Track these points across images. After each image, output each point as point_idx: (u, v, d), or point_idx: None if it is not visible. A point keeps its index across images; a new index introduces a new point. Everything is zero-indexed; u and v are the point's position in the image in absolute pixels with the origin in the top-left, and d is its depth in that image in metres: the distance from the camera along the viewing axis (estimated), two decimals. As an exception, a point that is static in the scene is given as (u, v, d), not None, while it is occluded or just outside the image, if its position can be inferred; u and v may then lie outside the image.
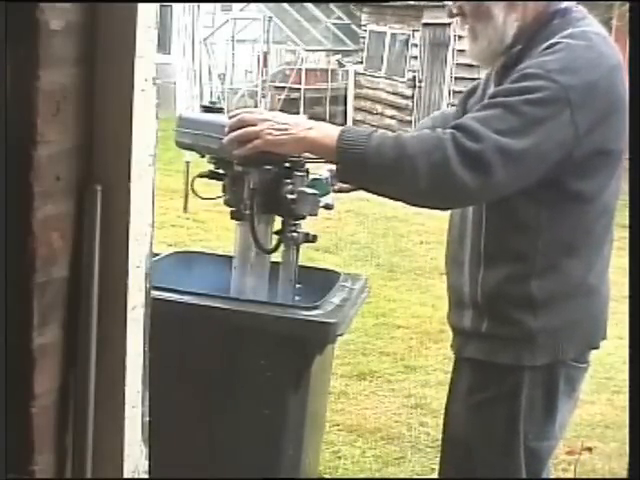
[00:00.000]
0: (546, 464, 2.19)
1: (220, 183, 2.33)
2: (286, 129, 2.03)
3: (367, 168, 1.96)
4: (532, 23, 2.05)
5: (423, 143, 1.94)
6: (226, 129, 2.11)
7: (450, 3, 2.12)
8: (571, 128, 1.91)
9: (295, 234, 2.31)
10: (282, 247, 2.35)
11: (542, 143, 1.91)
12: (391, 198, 2.05)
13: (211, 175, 2.32)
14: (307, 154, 2.19)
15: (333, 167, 2.27)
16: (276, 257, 2.38)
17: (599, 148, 1.96)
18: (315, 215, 2.28)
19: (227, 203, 2.30)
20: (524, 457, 2.09)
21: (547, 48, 1.97)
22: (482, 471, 2.13)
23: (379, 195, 2.06)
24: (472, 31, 2.09)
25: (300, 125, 2.04)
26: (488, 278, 2.07)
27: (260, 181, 2.22)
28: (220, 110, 2.34)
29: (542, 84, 1.90)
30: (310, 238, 2.35)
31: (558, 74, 1.90)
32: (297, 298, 2.39)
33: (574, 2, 2.10)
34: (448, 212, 2.26)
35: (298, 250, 2.37)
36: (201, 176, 2.32)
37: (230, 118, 2.14)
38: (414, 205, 2.07)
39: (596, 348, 2.16)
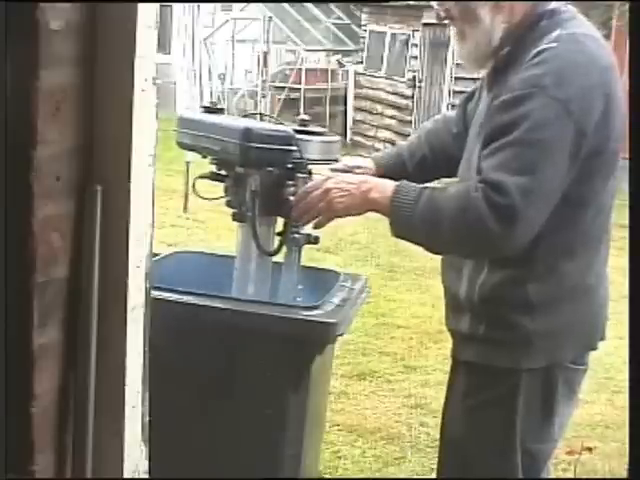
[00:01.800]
0: (545, 466, 2.19)
1: (221, 183, 2.32)
2: (349, 191, 2.08)
3: (415, 230, 2.04)
4: (519, 24, 2.04)
5: (458, 203, 1.97)
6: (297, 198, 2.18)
7: (435, 4, 2.13)
8: (579, 138, 1.91)
9: (297, 235, 2.31)
10: (284, 248, 2.34)
11: (558, 162, 1.92)
12: (439, 253, 2.19)
13: (212, 176, 2.31)
14: (309, 155, 2.20)
15: (335, 167, 2.28)
16: (277, 257, 2.37)
17: (596, 150, 1.96)
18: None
19: (229, 204, 2.29)
20: (522, 459, 2.09)
21: (536, 55, 1.95)
22: (479, 473, 2.13)
23: (431, 252, 2.17)
24: (460, 33, 2.09)
25: (362, 186, 2.08)
26: (486, 282, 2.08)
27: (262, 183, 2.22)
28: (220, 110, 2.34)
29: (541, 104, 1.90)
30: (312, 239, 2.34)
31: (554, 89, 1.89)
32: (298, 299, 2.39)
33: (563, 2, 2.08)
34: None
35: (300, 251, 2.36)
36: (202, 177, 2.32)
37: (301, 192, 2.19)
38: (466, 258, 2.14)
39: (594, 349, 2.16)
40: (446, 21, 2.12)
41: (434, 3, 2.13)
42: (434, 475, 3.50)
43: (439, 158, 2.41)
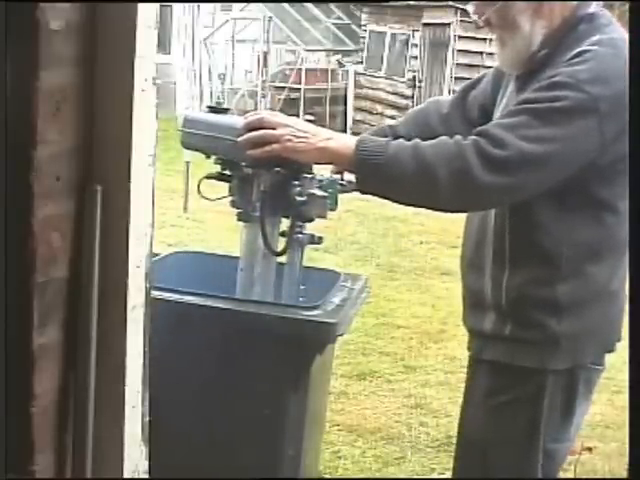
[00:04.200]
0: (561, 465, 2.20)
1: (223, 183, 2.31)
2: (306, 137, 2.02)
3: (386, 178, 1.97)
4: (558, 28, 2.04)
5: (442, 151, 1.95)
6: (241, 128, 2.10)
7: (473, 12, 2.11)
8: (598, 137, 1.92)
9: (301, 236, 2.30)
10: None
11: (567, 150, 1.93)
12: (413, 205, 2.08)
13: (219, 177, 2.30)
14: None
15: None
16: (279, 258, 2.37)
17: (624, 154, 1.94)
18: (324, 217, 2.26)
19: (234, 205, 2.29)
20: (542, 459, 2.10)
21: (576, 56, 1.96)
22: (500, 473, 2.13)
23: (401, 204, 2.08)
24: (500, 40, 2.10)
25: (320, 135, 2.04)
26: (513, 281, 2.07)
27: (270, 183, 2.21)
28: (226, 110, 2.33)
29: (572, 94, 1.90)
30: (316, 240, 2.34)
31: (589, 84, 1.90)
32: (301, 299, 2.39)
33: (599, 7, 2.08)
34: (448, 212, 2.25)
35: (303, 251, 2.36)
36: (209, 177, 2.30)
37: (247, 117, 2.13)
38: (437, 211, 2.09)
39: (612, 351, 2.17)
40: (484, 29, 2.12)
41: (471, 10, 2.12)
42: (434, 475, 3.50)
43: (423, 137, 2.39)
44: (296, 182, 2.21)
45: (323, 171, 2.35)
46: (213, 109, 2.33)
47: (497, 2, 2.03)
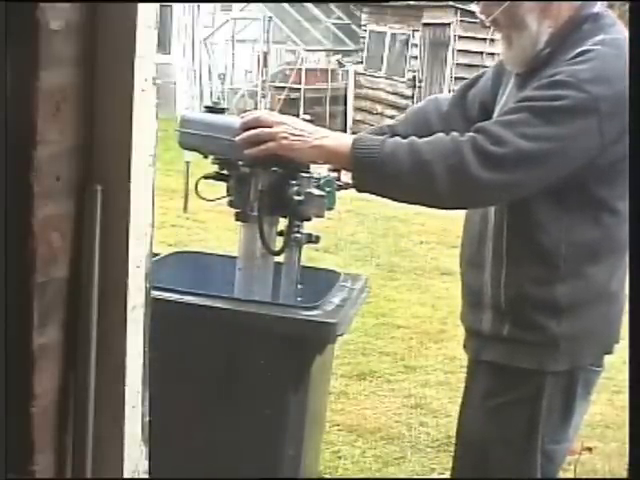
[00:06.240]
0: (560, 466, 2.20)
1: (221, 183, 2.31)
2: (302, 135, 2.03)
3: (382, 176, 1.97)
4: (563, 27, 2.04)
5: (438, 147, 1.95)
6: (238, 127, 2.10)
7: (479, 12, 2.11)
8: (598, 137, 1.92)
9: (299, 235, 2.31)
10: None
11: (566, 149, 1.92)
12: (410, 203, 2.09)
13: (217, 176, 2.31)
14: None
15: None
16: (277, 258, 2.37)
17: (625, 154, 1.95)
18: (322, 217, 2.26)
19: (232, 204, 2.29)
20: (540, 460, 2.10)
21: (578, 55, 1.96)
22: (499, 473, 2.13)
23: (397, 201, 2.08)
24: (507, 39, 2.10)
25: (316, 133, 2.04)
26: (511, 279, 2.07)
27: (267, 183, 2.21)
28: (223, 110, 2.33)
29: (573, 93, 1.91)
30: (313, 239, 2.34)
31: (589, 84, 1.90)
32: (299, 299, 2.39)
33: (604, 7, 2.09)
34: (449, 212, 2.25)
35: (301, 251, 2.36)
36: (207, 177, 2.31)
37: (244, 117, 2.13)
38: (434, 208, 2.09)
39: (610, 353, 2.17)
40: (487, 28, 2.12)
41: (477, 10, 2.11)
42: (434, 475, 3.51)
43: (421, 135, 2.38)
44: (293, 181, 2.21)
45: (320, 170, 2.35)
46: (210, 109, 2.33)
47: (505, 2, 2.03)
